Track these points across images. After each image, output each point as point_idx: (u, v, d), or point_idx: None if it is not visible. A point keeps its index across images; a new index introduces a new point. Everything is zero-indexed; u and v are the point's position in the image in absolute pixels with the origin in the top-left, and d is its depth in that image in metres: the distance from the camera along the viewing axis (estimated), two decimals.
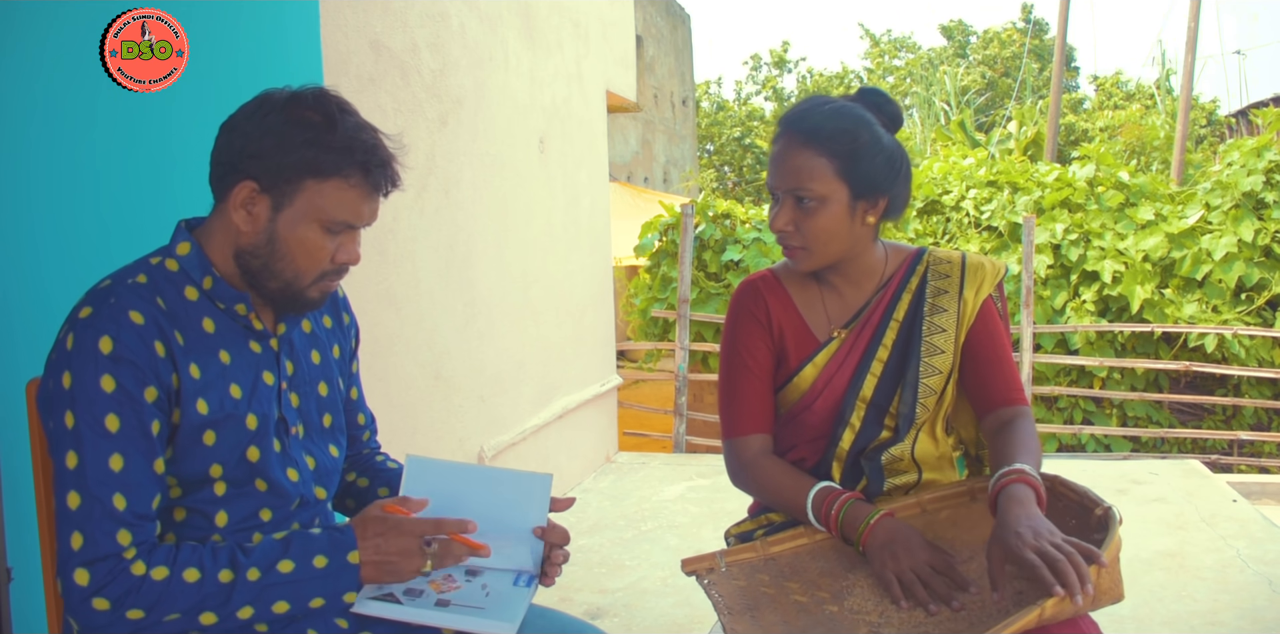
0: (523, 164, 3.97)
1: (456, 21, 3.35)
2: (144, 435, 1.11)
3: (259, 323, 1.24)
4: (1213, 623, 2.93)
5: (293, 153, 1.15)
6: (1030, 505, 1.28)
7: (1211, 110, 18.81)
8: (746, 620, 1.33)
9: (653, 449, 6.13)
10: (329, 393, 1.35)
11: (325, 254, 1.20)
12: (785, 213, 1.46)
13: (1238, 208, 6.42)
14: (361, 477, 1.46)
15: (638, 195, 9.89)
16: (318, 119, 1.16)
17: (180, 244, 1.21)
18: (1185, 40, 10.50)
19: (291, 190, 1.16)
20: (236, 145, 1.17)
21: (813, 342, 1.55)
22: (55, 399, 1.11)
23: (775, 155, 1.48)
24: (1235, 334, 6.04)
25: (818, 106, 1.48)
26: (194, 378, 1.16)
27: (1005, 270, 1.59)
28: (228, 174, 1.18)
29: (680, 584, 3.25)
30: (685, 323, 6.01)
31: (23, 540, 1.47)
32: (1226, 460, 6.07)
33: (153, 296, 1.16)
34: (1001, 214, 6.86)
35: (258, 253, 1.19)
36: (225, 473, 1.20)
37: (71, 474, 1.09)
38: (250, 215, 1.18)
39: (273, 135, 1.15)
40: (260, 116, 1.16)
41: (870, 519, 1.38)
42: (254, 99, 1.20)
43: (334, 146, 1.15)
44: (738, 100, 24.60)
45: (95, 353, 1.10)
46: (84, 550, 1.07)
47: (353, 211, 1.19)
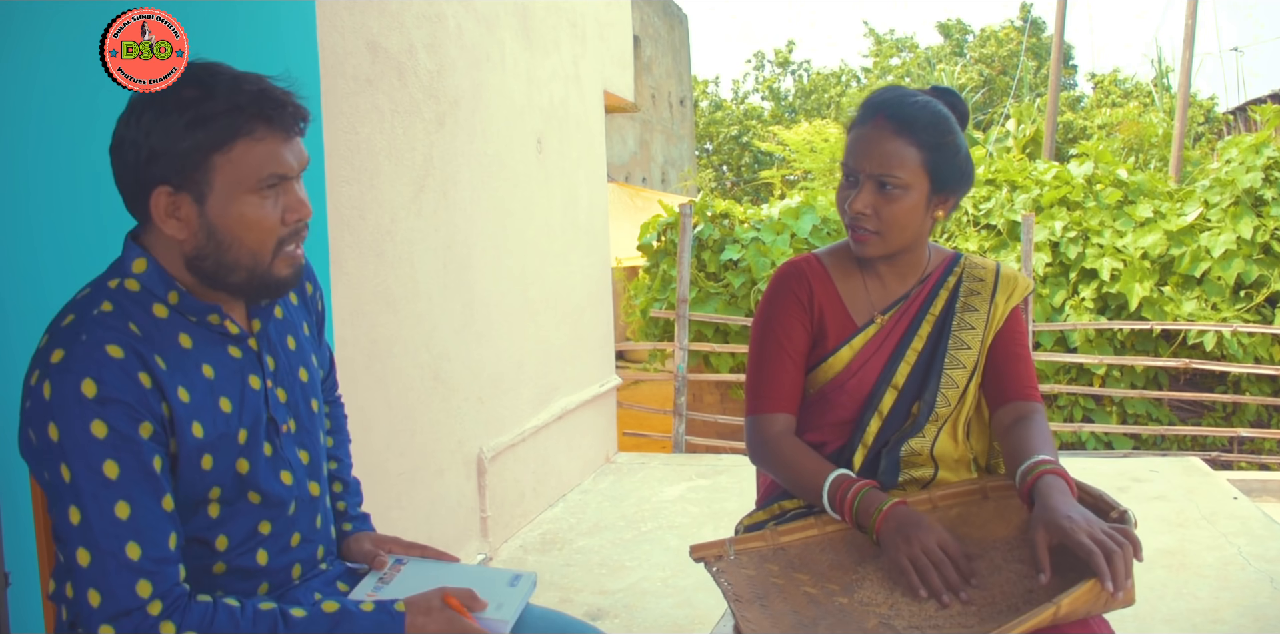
0: (520, 165, 3.96)
1: (453, 22, 3.34)
2: (147, 476, 1.06)
3: (234, 327, 1.19)
4: (1214, 621, 2.92)
5: (185, 139, 1.07)
6: (1070, 495, 1.31)
7: (1209, 107, 18.83)
8: (756, 609, 1.33)
9: (652, 450, 6.12)
10: (309, 377, 1.30)
11: (272, 220, 1.12)
12: (866, 196, 1.48)
13: (1236, 205, 6.42)
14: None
15: (636, 195, 9.88)
16: (192, 94, 1.09)
17: (135, 261, 1.14)
18: (1183, 37, 10.51)
19: (205, 176, 1.08)
20: (129, 159, 1.09)
21: (851, 325, 1.58)
22: (45, 453, 1.04)
23: (863, 137, 1.49)
24: (1235, 331, 6.03)
25: (908, 97, 1.51)
26: (184, 402, 1.11)
27: (1032, 288, 1.65)
28: (135, 191, 1.10)
29: (681, 585, 3.24)
30: (684, 323, 6.01)
31: (20, 546, 1.47)
32: (1227, 457, 6.06)
33: (124, 324, 1.08)
34: (1000, 212, 6.86)
35: (204, 253, 1.12)
36: (220, 494, 1.16)
37: (77, 530, 1.03)
38: (180, 220, 1.10)
39: (156, 132, 1.07)
40: (135, 120, 1.09)
41: (884, 506, 1.40)
42: (125, 110, 1.12)
43: (220, 112, 1.08)
44: (735, 99, 24.61)
45: (79, 398, 1.03)
46: (104, 607, 1.02)
47: (276, 162, 1.11)
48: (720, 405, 6.77)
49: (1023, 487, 1.36)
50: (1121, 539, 1.19)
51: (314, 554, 1.29)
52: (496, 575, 1.33)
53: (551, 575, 3.35)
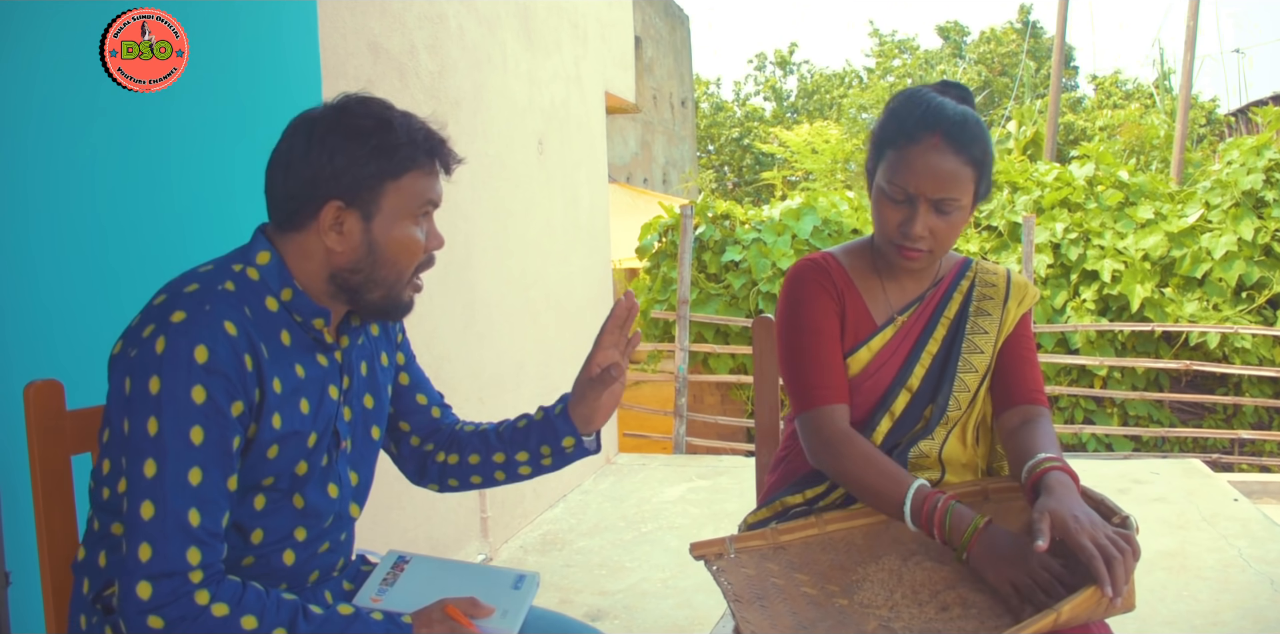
0: (521, 166, 3.96)
1: (455, 23, 3.34)
2: (224, 451, 1.10)
3: (330, 336, 1.25)
4: (1214, 623, 2.92)
5: (367, 163, 1.17)
6: (1076, 493, 1.29)
7: (1211, 109, 18.82)
8: (755, 609, 1.33)
9: (653, 450, 6.13)
10: (375, 405, 1.35)
11: (420, 246, 1.23)
12: (925, 220, 1.43)
13: (1237, 206, 6.42)
14: (450, 453, 1.46)
15: (637, 196, 9.88)
16: (371, 124, 1.18)
17: (260, 253, 1.20)
18: (1184, 39, 10.50)
19: (376, 197, 1.18)
20: (305, 174, 1.17)
21: (871, 324, 1.56)
22: (137, 404, 1.08)
23: (922, 160, 1.41)
24: (1236, 333, 6.03)
25: (951, 107, 1.44)
26: (275, 392, 1.16)
27: (1040, 297, 1.63)
28: (305, 203, 1.18)
29: (681, 586, 3.24)
30: (685, 324, 6.01)
31: (21, 544, 1.47)
32: (1228, 459, 6.06)
33: (241, 306, 1.14)
34: (1001, 214, 6.86)
35: (358, 267, 1.20)
36: (274, 483, 1.19)
37: (149, 483, 1.06)
38: (342, 234, 1.19)
39: (340, 153, 1.16)
40: (318, 141, 1.17)
41: (978, 524, 1.32)
42: (293, 129, 1.20)
43: (399, 144, 1.18)
44: (736, 100, 24.62)
45: (190, 362, 1.07)
46: (152, 563, 1.05)
47: (434, 193, 1.23)
48: (720, 406, 6.77)
49: (1028, 481, 1.35)
50: (1123, 545, 1.18)
51: (334, 563, 1.33)
52: (500, 576, 1.33)
53: (551, 576, 3.34)
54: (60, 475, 1.26)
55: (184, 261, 1.48)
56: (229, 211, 1.96)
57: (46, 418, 1.24)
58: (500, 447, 1.44)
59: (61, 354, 1.62)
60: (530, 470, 1.45)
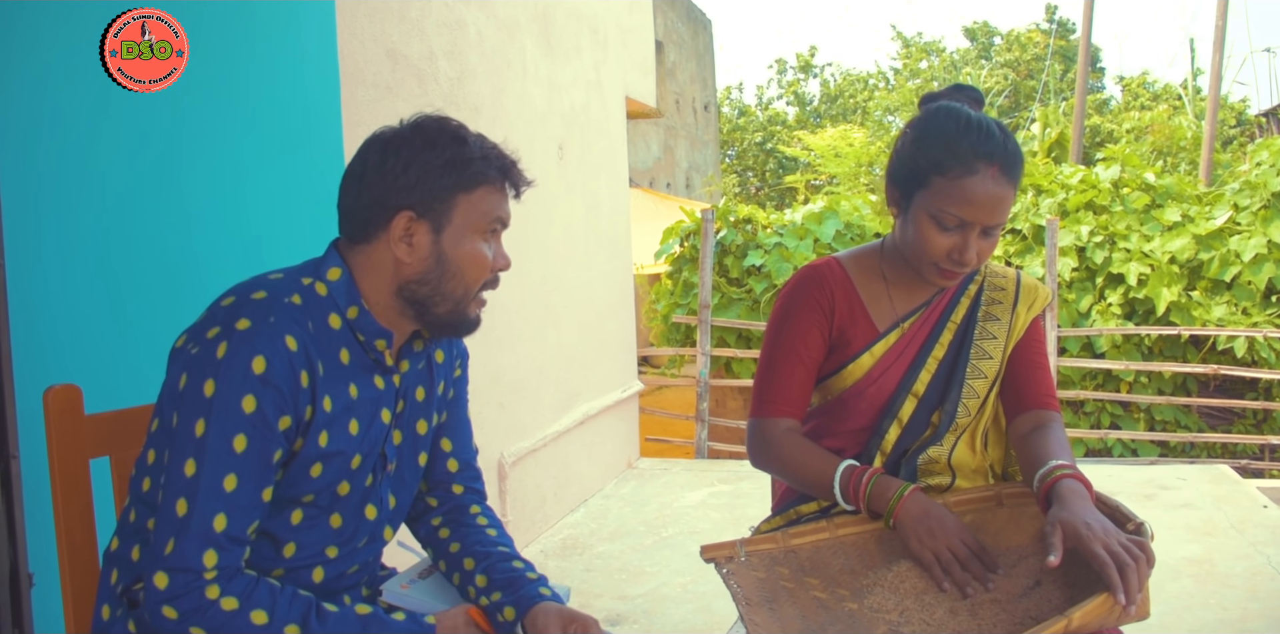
0: (542, 171, 3.98)
1: (474, 29, 3.37)
2: (264, 462, 1.12)
3: (390, 359, 1.25)
4: (1242, 631, 2.88)
5: (441, 176, 1.19)
6: (1089, 501, 1.30)
7: (1241, 110, 18.59)
8: (764, 612, 1.33)
9: (675, 455, 6.12)
10: (425, 431, 1.36)
11: (488, 263, 1.24)
12: (976, 245, 1.43)
13: (1267, 208, 6.33)
14: (446, 529, 1.40)
15: (659, 201, 9.89)
16: (446, 139, 1.21)
17: (331, 268, 1.22)
18: (1213, 39, 10.39)
19: (447, 210, 1.20)
20: (379, 186, 1.19)
21: (873, 330, 1.56)
22: (190, 402, 1.11)
23: (983, 189, 1.40)
24: (1265, 337, 5.95)
25: (996, 127, 1.44)
26: (325, 411, 1.17)
27: (1051, 298, 1.65)
28: (377, 213, 1.20)
29: (701, 590, 3.24)
30: (707, 328, 6.00)
31: (43, 546, 1.49)
32: (1257, 465, 5.97)
33: (305, 321, 1.16)
34: (1025, 216, 6.80)
35: (426, 279, 1.21)
36: (313, 500, 1.21)
37: (188, 482, 1.09)
38: (412, 245, 1.20)
39: (415, 165, 1.18)
40: (393, 153, 1.20)
41: (902, 492, 1.39)
42: (368, 144, 1.24)
43: (472, 158, 1.21)
44: (759, 105, 24.59)
45: (247, 370, 1.10)
46: (171, 557, 1.08)
47: (503, 211, 1.24)
48: (743, 411, 6.75)
49: (1040, 489, 1.35)
50: (1137, 552, 1.17)
51: (360, 582, 1.34)
52: None
53: (571, 581, 3.35)
54: (79, 478, 1.27)
55: (197, 267, 1.50)
56: (243, 218, 1.98)
57: (65, 422, 1.26)
58: (478, 571, 1.34)
59: (79, 359, 1.63)
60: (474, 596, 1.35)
